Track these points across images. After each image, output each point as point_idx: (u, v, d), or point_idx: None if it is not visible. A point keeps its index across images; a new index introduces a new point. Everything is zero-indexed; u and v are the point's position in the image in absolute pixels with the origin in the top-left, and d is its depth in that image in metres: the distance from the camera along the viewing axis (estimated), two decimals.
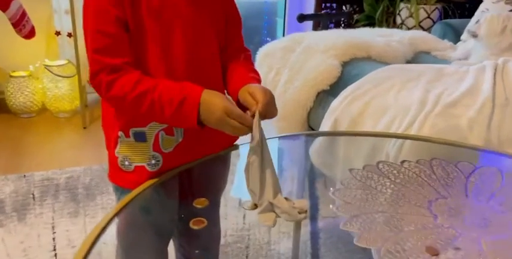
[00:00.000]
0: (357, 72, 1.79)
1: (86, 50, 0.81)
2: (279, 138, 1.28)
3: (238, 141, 1.02)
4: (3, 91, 2.70)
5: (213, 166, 0.99)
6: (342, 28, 2.90)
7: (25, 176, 2.04)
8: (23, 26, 2.24)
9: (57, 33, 2.70)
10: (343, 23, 3.05)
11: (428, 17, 2.79)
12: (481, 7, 2.23)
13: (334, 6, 3.06)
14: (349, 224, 0.77)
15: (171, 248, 1.07)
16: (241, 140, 0.99)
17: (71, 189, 1.96)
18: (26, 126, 2.63)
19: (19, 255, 1.56)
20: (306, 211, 0.81)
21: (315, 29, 2.85)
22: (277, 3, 3.58)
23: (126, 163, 0.89)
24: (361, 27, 2.53)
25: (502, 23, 1.91)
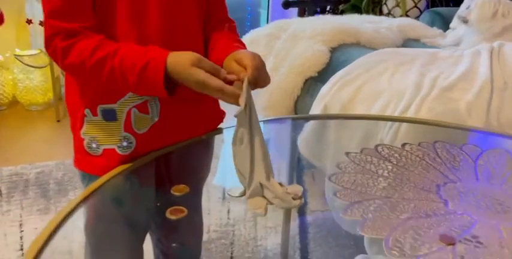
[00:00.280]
0: (345, 58, 1.71)
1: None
2: (264, 123, 1.17)
3: (224, 124, 0.92)
4: None
5: (195, 151, 0.89)
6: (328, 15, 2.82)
7: None
8: None
9: (29, 21, 2.60)
10: (329, 12, 2.97)
11: (415, 6, 2.73)
12: None
13: None
14: (350, 211, 0.68)
15: (149, 246, 0.96)
16: (227, 123, 0.89)
17: (41, 184, 1.85)
18: None
19: None
20: (301, 197, 0.71)
21: (301, 17, 2.76)
22: None
23: (94, 145, 0.78)
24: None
25: (493, 7, 1.87)
